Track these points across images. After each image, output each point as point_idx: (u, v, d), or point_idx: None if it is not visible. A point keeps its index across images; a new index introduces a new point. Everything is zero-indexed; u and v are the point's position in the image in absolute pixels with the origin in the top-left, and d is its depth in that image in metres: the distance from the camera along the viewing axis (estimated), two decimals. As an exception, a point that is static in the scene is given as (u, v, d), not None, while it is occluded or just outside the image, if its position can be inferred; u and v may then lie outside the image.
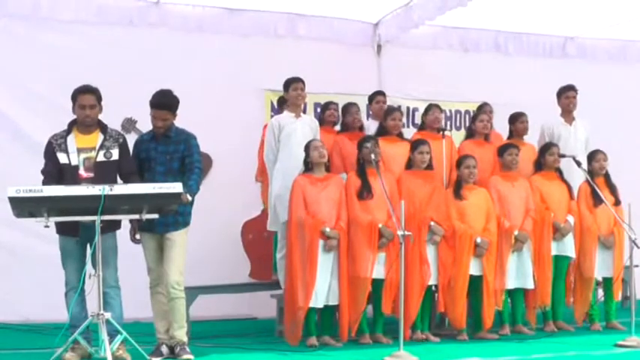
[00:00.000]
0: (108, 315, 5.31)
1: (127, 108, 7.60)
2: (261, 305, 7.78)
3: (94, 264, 5.42)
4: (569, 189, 7.43)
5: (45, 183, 5.53)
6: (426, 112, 7.55)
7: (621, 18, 8.77)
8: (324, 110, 7.70)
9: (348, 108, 7.49)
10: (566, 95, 7.88)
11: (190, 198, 5.82)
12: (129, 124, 7.86)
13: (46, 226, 5.33)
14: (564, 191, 7.40)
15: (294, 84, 6.93)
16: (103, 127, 5.81)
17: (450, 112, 9.19)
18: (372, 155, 6.56)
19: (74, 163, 5.66)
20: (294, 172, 6.68)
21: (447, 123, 9.02)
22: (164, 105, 5.92)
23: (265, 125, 7.44)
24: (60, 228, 5.67)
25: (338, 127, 7.66)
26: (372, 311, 6.76)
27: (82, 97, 5.73)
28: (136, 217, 5.47)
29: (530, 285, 7.08)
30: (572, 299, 7.50)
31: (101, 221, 5.27)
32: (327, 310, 6.55)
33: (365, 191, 6.61)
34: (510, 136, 7.76)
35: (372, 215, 6.56)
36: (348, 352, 6.25)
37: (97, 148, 5.71)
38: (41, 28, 7.82)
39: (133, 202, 5.34)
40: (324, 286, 6.40)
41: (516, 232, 7.02)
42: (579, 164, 7.29)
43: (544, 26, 9.19)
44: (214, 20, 8.32)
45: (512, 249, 7.02)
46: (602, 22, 8.98)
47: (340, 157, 7.20)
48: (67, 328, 5.53)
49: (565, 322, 7.42)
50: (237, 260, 7.85)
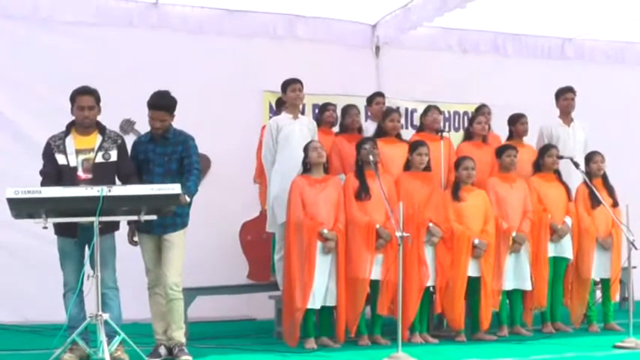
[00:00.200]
0: (106, 316, 5.31)
1: (125, 109, 7.59)
2: (260, 306, 7.79)
3: (92, 265, 5.42)
4: (567, 190, 7.44)
5: (43, 184, 5.53)
6: (425, 113, 7.55)
7: (620, 20, 8.77)
8: (322, 111, 7.69)
9: (347, 110, 7.47)
10: (565, 97, 7.89)
11: (189, 199, 5.82)
12: (127, 125, 7.86)
13: (45, 227, 5.32)
14: (562, 193, 7.41)
15: (292, 85, 6.93)
16: (101, 129, 5.82)
17: (449, 113, 9.18)
18: (371, 156, 6.56)
19: (73, 164, 5.66)
20: (292, 173, 6.67)
21: (446, 124, 9.01)
22: (162, 106, 5.93)
23: (263, 126, 7.45)
24: (58, 229, 5.67)
25: (336, 129, 7.66)
26: (370, 312, 6.76)
27: (81, 99, 5.74)
28: (135, 218, 5.46)
29: (528, 286, 7.08)
30: (569, 300, 7.51)
31: (99, 222, 5.26)
32: (325, 312, 6.56)
33: (363, 192, 6.60)
34: (510, 138, 7.76)
35: (369, 216, 6.56)
36: (346, 354, 6.25)
37: (95, 149, 5.72)
38: (41, 29, 7.81)
39: (131, 204, 5.34)
40: (322, 287, 6.40)
41: (514, 234, 7.02)
42: (577, 165, 7.29)
43: (543, 28, 9.19)
44: (213, 21, 8.32)
45: (509, 250, 7.03)
46: (601, 24, 8.99)
47: (339, 159, 7.20)
48: (66, 329, 5.53)
49: (563, 324, 7.43)
50: (235, 261, 7.83)
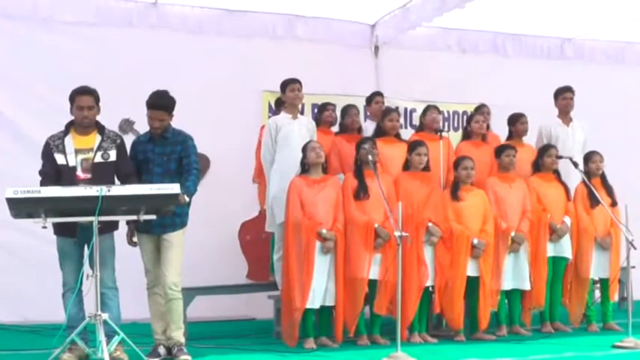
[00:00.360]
0: (105, 316, 5.30)
1: (125, 109, 7.59)
2: (259, 306, 7.79)
3: (91, 265, 5.42)
4: (566, 190, 7.44)
5: (42, 184, 5.53)
6: (424, 113, 7.55)
7: (619, 20, 8.77)
8: (321, 111, 7.70)
9: (347, 110, 7.47)
10: (564, 96, 7.90)
11: (188, 199, 5.82)
12: (127, 125, 7.86)
13: (44, 227, 5.32)
14: (561, 192, 7.41)
15: (291, 85, 6.93)
16: (100, 128, 5.82)
17: (448, 113, 9.18)
18: (370, 157, 6.55)
19: (72, 164, 5.66)
20: (291, 173, 6.67)
21: (445, 124, 9.01)
22: (160, 105, 5.93)
23: (263, 126, 7.45)
24: (58, 229, 5.67)
25: (335, 128, 7.66)
26: (369, 312, 6.77)
27: (80, 99, 5.74)
28: (134, 218, 5.47)
29: (527, 286, 7.09)
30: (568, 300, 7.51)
31: (99, 222, 5.26)
32: (324, 311, 6.56)
33: (361, 191, 6.60)
34: (510, 137, 7.76)
35: (368, 216, 6.56)
36: (345, 353, 6.25)
37: (94, 149, 5.72)
38: (41, 29, 7.82)
39: (130, 203, 5.34)
40: (321, 287, 6.40)
41: (513, 234, 7.02)
42: (576, 165, 7.29)
43: (542, 28, 9.19)
44: (213, 21, 8.33)
45: (508, 250, 7.03)
46: (600, 24, 8.98)
47: (338, 159, 7.20)
48: (65, 328, 5.53)
49: (562, 323, 7.42)
50: (234, 261, 7.82)
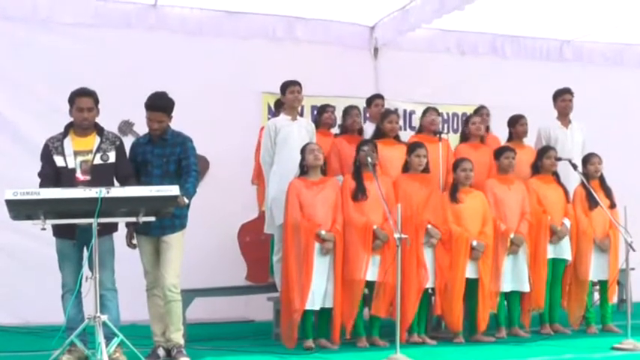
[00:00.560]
0: (104, 317, 5.29)
1: (124, 110, 7.60)
2: (258, 308, 7.79)
3: (90, 266, 5.40)
4: (565, 192, 7.44)
5: (42, 186, 5.52)
6: (423, 114, 7.56)
7: (618, 21, 8.77)
8: (320, 113, 7.69)
9: (348, 110, 7.45)
10: (563, 98, 7.90)
11: (187, 201, 5.83)
12: (126, 126, 7.87)
13: (43, 229, 5.30)
14: (560, 194, 7.41)
15: (290, 87, 6.94)
16: (99, 130, 5.82)
17: (447, 115, 9.19)
18: (369, 158, 6.55)
19: (71, 165, 5.66)
20: (290, 174, 6.67)
21: (444, 126, 9.02)
22: (159, 107, 5.93)
23: (262, 128, 7.45)
24: (57, 231, 5.66)
25: (335, 130, 7.66)
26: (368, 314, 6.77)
27: (80, 100, 5.74)
28: (133, 219, 5.46)
29: (526, 288, 7.08)
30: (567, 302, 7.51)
31: (98, 224, 5.25)
32: (323, 313, 6.55)
33: (359, 193, 6.60)
34: (510, 139, 7.76)
35: (366, 217, 6.56)
36: (344, 355, 6.25)
37: (93, 150, 5.71)
38: (40, 30, 7.82)
39: (129, 205, 5.33)
40: (320, 289, 6.40)
41: (512, 236, 7.02)
42: (575, 167, 7.28)
43: (541, 29, 9.20)
44: (212, 23, 8.33)
45: (507, 252, 7.03)
46: (599, 26, 8.98)
47: (338, 160, 7.20)
48: (64, 330, 5.52)
49: (561, 325, 7.42)
50: (233, 263, 7.83)
